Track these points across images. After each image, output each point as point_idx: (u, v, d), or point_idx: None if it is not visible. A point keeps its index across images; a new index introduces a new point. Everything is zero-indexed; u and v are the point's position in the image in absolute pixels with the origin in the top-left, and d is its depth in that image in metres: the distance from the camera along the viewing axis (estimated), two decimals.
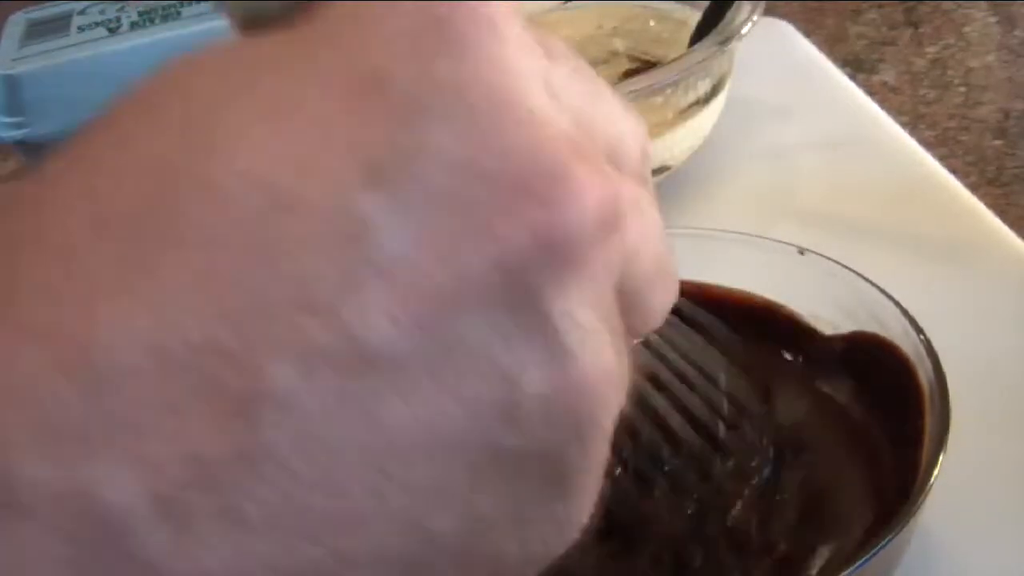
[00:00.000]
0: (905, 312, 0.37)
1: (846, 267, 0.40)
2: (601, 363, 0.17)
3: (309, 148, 0.15)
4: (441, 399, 0.15)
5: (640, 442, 0.34)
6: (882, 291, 0.39)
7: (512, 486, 0.16)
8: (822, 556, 0.34)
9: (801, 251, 0.42)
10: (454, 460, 0.16)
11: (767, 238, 0.42)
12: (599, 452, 0.17)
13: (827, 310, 0.41)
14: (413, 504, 0.15)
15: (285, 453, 0.15)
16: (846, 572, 0.30)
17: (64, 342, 0.14)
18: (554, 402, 0.16)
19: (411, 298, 0.15)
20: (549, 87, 0.17)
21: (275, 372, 0.14)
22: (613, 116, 0.19)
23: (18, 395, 0.14)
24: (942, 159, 0.59)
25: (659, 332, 0.35)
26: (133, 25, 0.66)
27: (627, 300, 0.18)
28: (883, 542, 0.30)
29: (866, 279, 0.39)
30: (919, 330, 0.37)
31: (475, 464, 0.16)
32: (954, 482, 0.32)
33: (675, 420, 0.34)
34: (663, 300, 0.19)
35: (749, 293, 0.43)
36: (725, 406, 0.35)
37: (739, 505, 0.36)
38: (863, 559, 0.30)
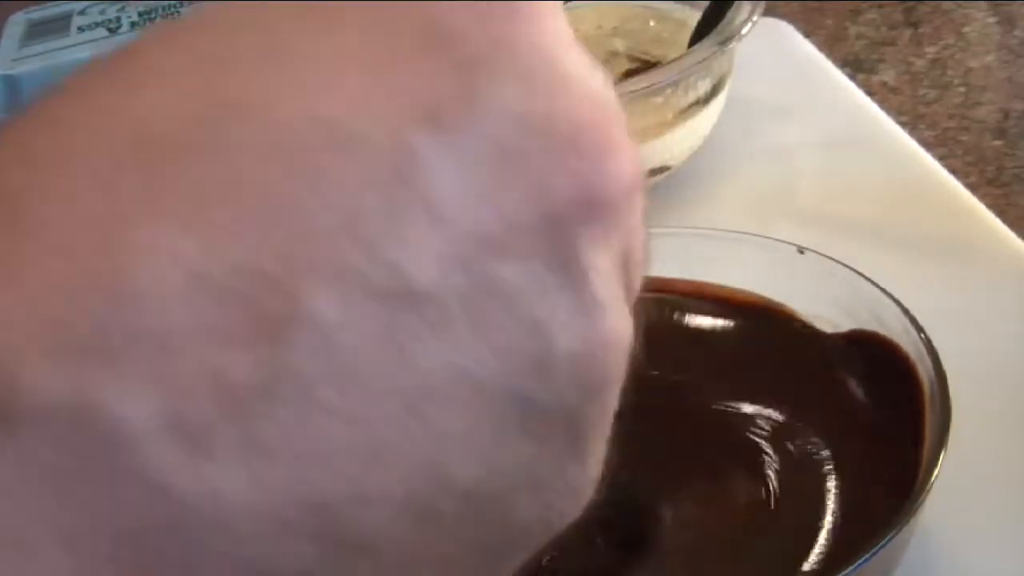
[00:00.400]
0: (905, 311, 0.37)
1: (846, 266, 0.40)
2: (623, 322, 0.17)
3: (369, 90, 0.15)
4: (476, 344, 0.15)
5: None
6: (882, 290, 0.39)
7: (534, 444, 0.16)
8: (820, 555, 0.34)
9: (801, 251, 0.42)
10: (482, 408, 0.16)
11: (767, 237, 0.42)
12: (611, 414, 0.18)
13: (827, 309, 0.41)
14: (435, 446, 0.16)
15: (312, 379, 0.14)
16: (846, 572, 0.30)
17: (96, 257, 0.14)
18: (582, 358, 0.16)
19: (457, 239, 0.15)
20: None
21: (313, 297, 0.14)
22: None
23: (37, 303, 0.14)
24: (942, 159, 0.59)
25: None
26: (133, 25, 0.66)
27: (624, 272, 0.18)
28: (883, 541, 0.30)
29: (866, 278, 0.39)
30: (919, 329, 0.37)
31: (501, 415, 0.16)
32: (954, 482, 0.32)
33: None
34: (640, 280, 0.20)
35: (749, 293, 0.43)
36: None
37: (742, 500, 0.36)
38: (863, 559, 0.30)
